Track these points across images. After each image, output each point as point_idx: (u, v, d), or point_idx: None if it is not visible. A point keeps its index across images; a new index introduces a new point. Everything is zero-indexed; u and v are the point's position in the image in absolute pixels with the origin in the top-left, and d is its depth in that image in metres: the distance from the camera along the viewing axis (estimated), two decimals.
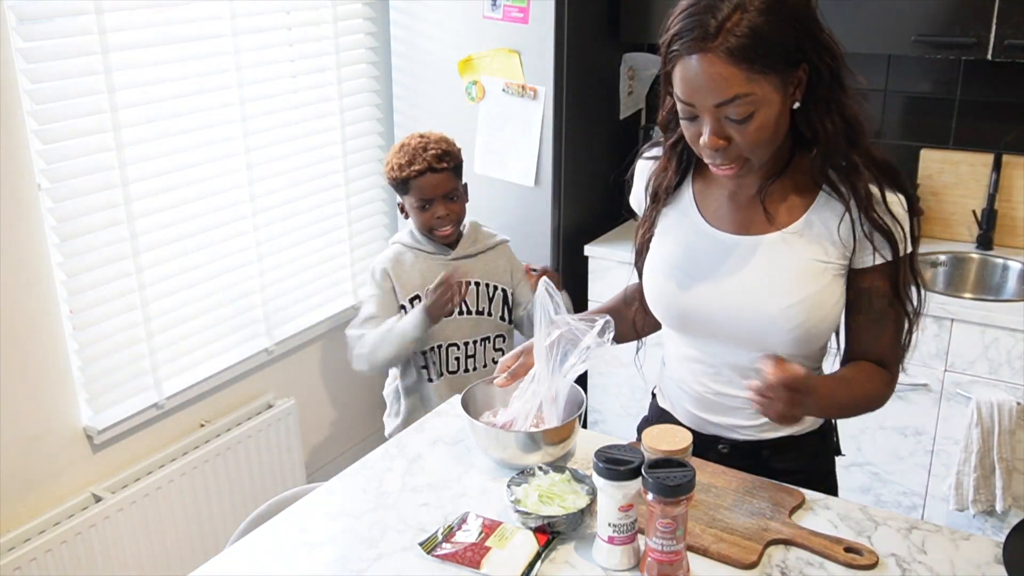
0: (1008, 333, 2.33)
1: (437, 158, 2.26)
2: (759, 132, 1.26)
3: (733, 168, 1.31)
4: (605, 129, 3.01)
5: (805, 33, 1.25)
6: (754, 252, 1.39)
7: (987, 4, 2.35)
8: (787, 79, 1.26)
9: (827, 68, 1.28)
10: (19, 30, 2.04)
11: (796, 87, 1.28)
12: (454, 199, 2.31)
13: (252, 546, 1.35)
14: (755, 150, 1.29)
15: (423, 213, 2.29)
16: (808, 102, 1.30)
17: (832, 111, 1.30)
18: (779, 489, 1.40)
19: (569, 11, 2.68)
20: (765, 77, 1.23)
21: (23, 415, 2.18)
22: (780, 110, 1.27)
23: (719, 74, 1.22)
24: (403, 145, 2.31)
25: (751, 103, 1.23)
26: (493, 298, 2.39)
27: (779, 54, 1.23)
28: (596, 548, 1.26)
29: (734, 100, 1.23)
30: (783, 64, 1.24)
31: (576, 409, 1.50)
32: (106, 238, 2.28)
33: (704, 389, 1.51)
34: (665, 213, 1.50)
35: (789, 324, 1.36)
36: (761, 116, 1.25)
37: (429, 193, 2.27)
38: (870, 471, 2.61)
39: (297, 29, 2.75)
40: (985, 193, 2.73)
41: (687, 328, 1.49)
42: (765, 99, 1.24)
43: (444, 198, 2.29)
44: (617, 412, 2.99)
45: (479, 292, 2.37)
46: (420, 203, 2.28)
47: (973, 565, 1.25)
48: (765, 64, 1.22)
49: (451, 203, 2.30)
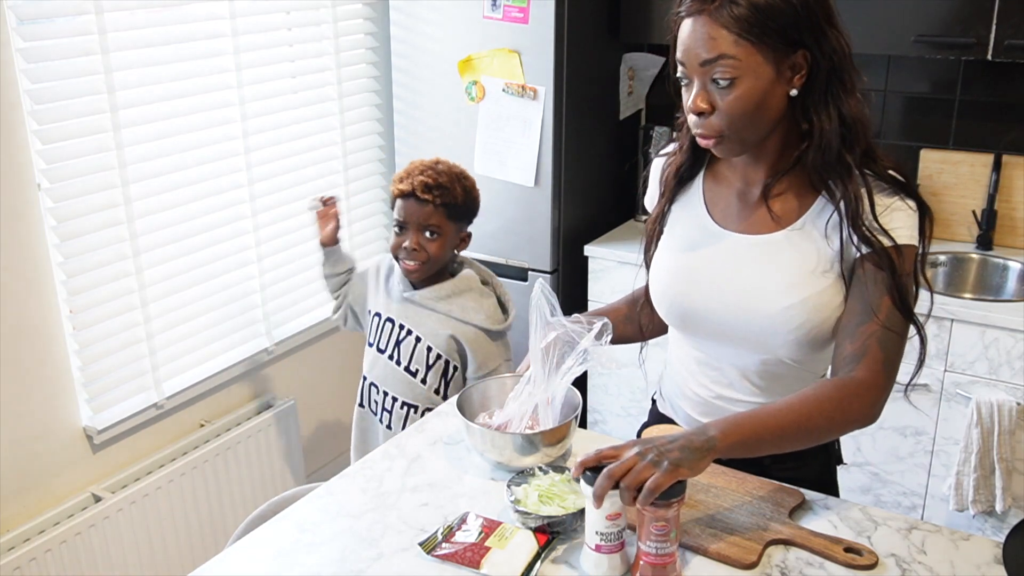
0: (1008, 333, 2.33)
1: (425, 186, 2.04)
2: (741, 102, 1.27)
3: (712, 140, 1.32)
4: (605, 129, 3.01)
5: (809, 19, 1.26)
6: (758, 252, 1.39)
7: (987, 4, 2.35)
8: (781, 58, 1.27)
9: (828, 61, 1.28)
10: (19, 30, 2.04)
11: (794, 72, 1.28)
12: (431, 236, 2.06)
13: (252, 546, 1.35)
14: (735, 122, 1.29)
15: (396, 236, 2.09)
16: (807, 94, 1.30)
17: (829, 106, 1.30)
18: (779, 489, 1.40)
19: (569, 11, 2.68)
20: (755, 47, 1.25)
21: (23, 415, 2.18)
22: (769, 88, 1.27)
23: (708, 33, 1.26)
24: (415, 161, 2.15)
25: (735, 68, 1.25)
26: (432, 365, 2.10)
27: (774, 29, 1.24)
28: (584, 556, 1.24)
29: (719, 59, 1.25)
30: (777, 40, 1.25)
31: (572, 411, 1.49)
32: (106, 238, 2.28)
33: (706, 392, 1.51)
34: (674, 209, 1.50)
35: (789, 326, 1.36)
36: (745, 85, 1.26)
37: (404, 216, 2.06)
38: (870, 471, 2.61)
39: (297, 29, 2.75)
40: (985, 193, 2.73)
41: (689, 326, 1.49)
42: (751, 69, 1.25)
43: (420, 229, 2.05)
44: (617, 412, 2.99)
45: (415, 349, 2.12)
46: (396, 224, 2.09)
47: (973, 565, 1.25)
48: (756, 34, 1.24)
49: (427, 239, 2.05)
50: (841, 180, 1.32)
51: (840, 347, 1.33)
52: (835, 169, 1.32)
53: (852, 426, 1.31)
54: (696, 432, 1.20)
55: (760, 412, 1.27)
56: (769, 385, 1.45)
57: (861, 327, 1.30)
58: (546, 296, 1.45)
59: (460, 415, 1.50)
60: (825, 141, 1.31)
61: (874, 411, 1.29)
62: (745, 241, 1.40)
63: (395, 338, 2.13)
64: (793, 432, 1.25)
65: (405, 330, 2.12)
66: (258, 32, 2.59)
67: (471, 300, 2.11)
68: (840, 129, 1.30)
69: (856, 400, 1.27)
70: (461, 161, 2.91)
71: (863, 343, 1.29)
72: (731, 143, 1.33)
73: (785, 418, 1.25)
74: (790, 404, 1.26)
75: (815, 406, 1.26)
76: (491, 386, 1.61)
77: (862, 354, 1.29)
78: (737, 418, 1.25)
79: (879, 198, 1.31)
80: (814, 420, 1.26)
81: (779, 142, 1.36)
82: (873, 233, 1.30)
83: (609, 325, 1.40)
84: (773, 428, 1.24)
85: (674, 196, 1.51)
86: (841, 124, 1.30)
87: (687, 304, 1.45)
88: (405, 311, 2.12)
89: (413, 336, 2.11)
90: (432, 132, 2.97)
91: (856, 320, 1.31)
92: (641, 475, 1.13)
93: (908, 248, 1.31)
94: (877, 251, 1.29)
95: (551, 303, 1.45)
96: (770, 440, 1.24)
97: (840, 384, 1.28)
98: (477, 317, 2.09)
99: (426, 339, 2.10)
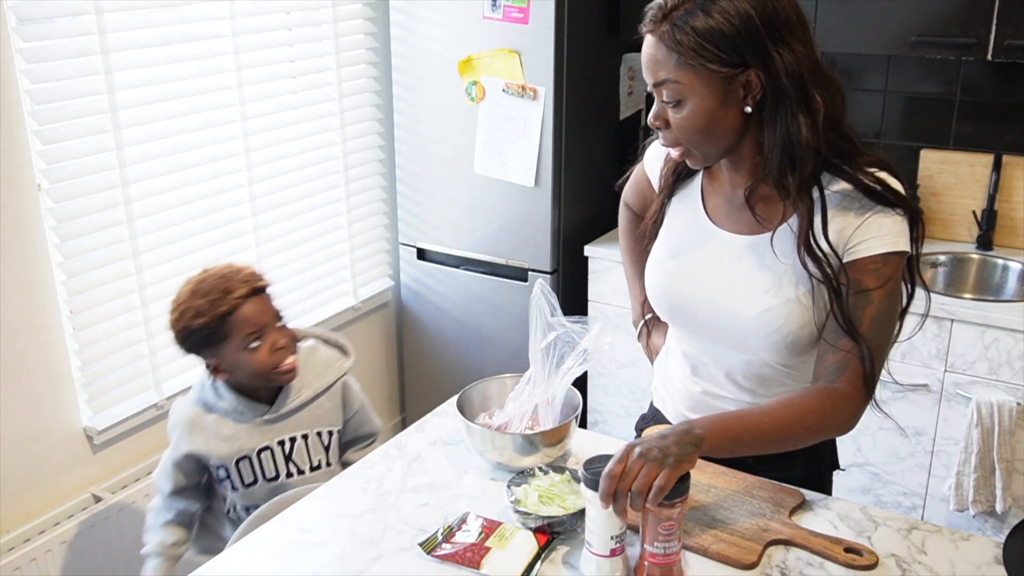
0: (1008, 333, 2.33)
1: (254, 276, 1.82)
2: (689, 121, 1.28)
3: (679, 152, 1.35)
4: (605, 129, 3.01)
5: (752, 41, 1.22)
6: (744, 252, 1.39)
7: (987, 4, 2.35)
8: (727, 79, 1.25)
9: (774, 81, 1.24)
10: (19, 30, 2.04)
11: (747, 91, 1.26)
12: (284, 321, 1.86)
13: (252, 546, 1.35)
14: (690, 139, 1.31)
15: (255, 353, 1.79)
16: (761, 110, 1.28)
17: (777, 126, 1.27)
18: (779, 489, 1.40)
19: (569, 11, 2.68)
20: (695, 72, 1.25)
21: (23, 415, 2.18)
22: (717, 108, 1.26)
23: (653, 56, 1.28)
24: (194, 287, 1.80)
25: (679, 90, 1.27)
26: (329, 445, 1.95)
27: (712, 53, 1.23)
28: (587, 561, 1.23)
29: (663, 83, 1.28)
30: (720, 64, 1.23)
31: (572, 412, 1.49)
32: (106, 238, 2.28)
33: (694, 387, 1.51)
34: (674, 202, 1.51)
35: (767, 328, 1.35)
36: (691, 106, 1.27)
37: (259, 320, 1.79)
38: (870, 471, 2.61)
39: (297, 29, 2.75)
40: (985, 193, 2.73)
41: (677, 321, 1.50)
42: (694, 91, 1.26)
43: (276, 322, 1.84)
44: (617, 412, 2.99)
45: (309, 446, 1.92)
46: (248, 338, 1.78)
47: (973, 565, 1.25)
48: (696, 59, 1.24)
49: (285, 329, 1.85)
50: (799, 193, 1.28)
51: (823, 355, 1.33)
52: (781, 187, 1.29)
53: (829, 435, 1.36)
54: (684, 429, 1.21)
55: (744, 415, 1.30)
56: (755, 387, 1.45)
57: (843, 339, 1.29)
58: (546, 296, 1.45)
59: (460, 415, 1.50)
60: (767, 159, 1.29)
61: (852, 422, 1.32)
62: (735, 240, 1.40)
63: (282, 456, 1.89)
64: (774, 438, 1.28)
65: (288, 439, 1.90)
66: (258, 32, 2.59)
67: (323, 361, 1.96)
68: (780, 152, 1.27)
69: (836, 412, 1.29)
70: (461, 161, 2.93)
71: (844, 356, 1.29)
72: (694, 156, 1.35)
73: (767, 424, 1.28)
74: (773, 410, 1.29)
75: (797, 415, 1.28)
76: (491, 386, 1.61)
77: (844, 366, 1.29)
78: (721, 418, 1.27)
79: (853, 214, 1.29)
80: (794, 428, 1.29)
81: (753, 149, 1.33)
82: (819, 253, 1.28)
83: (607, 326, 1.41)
84: (754, 432, 1.27)
85: (673, 191, 1.51)
86: (785, 146, 1.26)
87: (676, 298, 1.45)
88: (274, 430, 1.88)
89: (300, 440, 1.91)
90: (432, 132, 2.97)
91: (839, 330, 1.30)
92: (649, 477, 1.14)
93: (893, 256, 1.28)
94: (821, 272, 1.28)
95: (551, 303, 1.45)
96: (750, 443, 1.27)
97: (823, 395, 1.29)
98: (339, 368, 1.97)
99: (317, 427, 1.92)
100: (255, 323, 1.79)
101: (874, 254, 1.28)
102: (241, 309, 1.78)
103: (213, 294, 1.78)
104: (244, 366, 1.80)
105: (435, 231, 3.08)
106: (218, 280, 1.80)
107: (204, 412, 1.85)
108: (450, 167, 2.96)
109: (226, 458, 1.84)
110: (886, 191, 1.29)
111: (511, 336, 2.99)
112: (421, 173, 3.04)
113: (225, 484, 1.87)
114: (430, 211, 3.06)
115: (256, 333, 1.79)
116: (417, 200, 3.08)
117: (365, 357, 3.12)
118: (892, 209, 1.29)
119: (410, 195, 3.10)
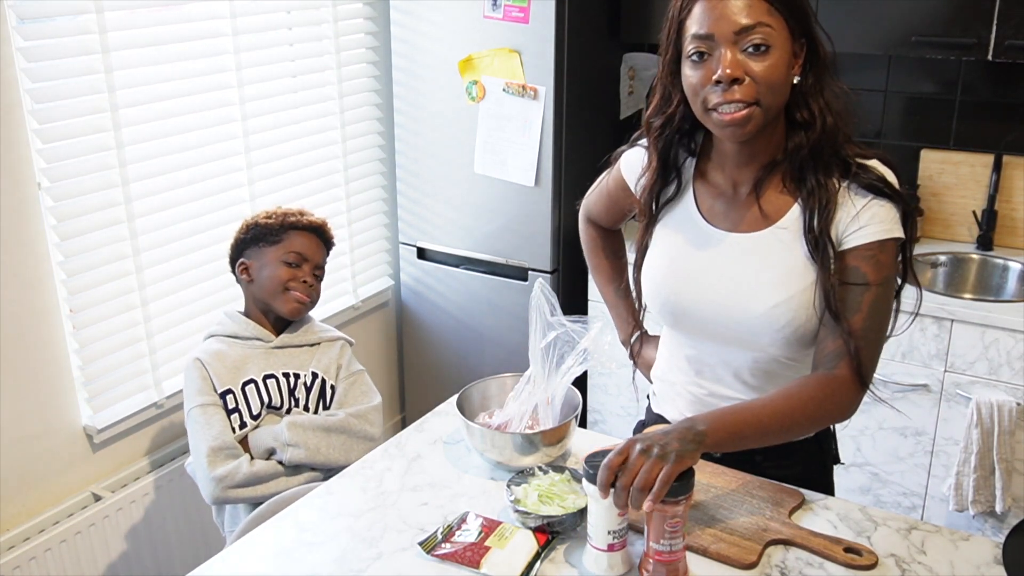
0: (1008, 333, 2.33)
1: (321, 224, 2.12)
2: (773, 69, 1.28)
3: (744, 111, 1.28)
4: (605, 129, 3.01)
5: (807, 15, 1.31)
6: (746, 249, 1.39)
7: (987, 4, 2.35)
8: (795, 37, 1.30)
9: (822, 53, 1.32)
10: (19, 30, 2.04)
11: (796, 58, 1.31)
12: (319, 276, 2.10)
13: (252, 546, 1.35)
14: (770, 89, 1.28)
15: (284, 269, 2.03)
16: (804, 83, 1.32)
17: (825, 96, 1.33)
18: (779, 489, 1.40)
19: (569, 11, 2.68)
20: (784, 21, 1.28)
21: (23, 414, 2.18)
22: (789, 64, 1.30)
23: (746, 1, 1.27)
24: (279, 207, 2.13)
25: (770, 36, 1.27)
26: (329, 402, 2.08)
27: (792, 10, 1.29)
28: (589, 557, 1.24)
29: (756, 27, 1.26)
30: (794, 20, 1.29)
31: (572, 411, 1.49)
32: (106, 238, 2.28)
33: (699, 390, 1.51)
34: (666, 208, 1.50)
35: (776, 324, 1.36)
36: (776, 54, 1.28)
37: (307, 251, 2.06)
38: (870, 471, 2.61)
39: (297, 29, 2.75)
40: (985, 194, 2.73)
41: (681, 325, 1.49)
42: (781, 40, 1.28)
43: (314, 268, 2.08)
44: (616, 412, 2.99)
45: (310, 390, 2.06)
46: (289, 255, 2.04)
47: (973, 566, 1.25)
48: (782, 9, 1.27)
49: (316, 278, 2.09)
50: (816, 176, 1.32)
51: (822, 342, 1.34)
52: (822, 162, 1.33)
53: (831, 421, 1.38)
54: (686, 426, 1.21)
55: (744, 408, 1.30)
56: (762, 384, 1.45)
57: (842, 326, 1.31)
58: (546, 296, 1.45)
59: (460, 414, 1.50)
60: (828, 128, 1.32)
61: (852, 409, 1.33)
62: (736, 239, 1.40)
63: (286, 388, 2.04)
64: (776, 429, 1.29)
65: (292, 374, 2.04)
66: (258, 32, 2.59)
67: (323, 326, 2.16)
68: (835, 120, 1.33)
69: (836, 398, 1.31)
70: (461, 161, 2.93)
71: (844, 342, 1.31)
72: (760, 114, 1.29)
73: (768, 416, 1.28)
74: (774, 401, 1.30)
75: (797, 404, 1.29)
76: (491, 385, 1.61)
77: (843, 353, 1.31)
78: (722, 413, 1.27)
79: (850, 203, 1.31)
80: (795, 417, 1.30)
81: (769, 135, 1.35)
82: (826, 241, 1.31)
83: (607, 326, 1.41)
84: (755, 425, 1.27)
85: (657, 217, 1.48)
86: (832, 115, 1.33)
87: (679, 302, 1.45)
88: (278, 361, 2.04)
89: (303, 382, 2.05)
90: (432, 132, 2.97)
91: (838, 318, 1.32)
92: (652, 473, 1.14)
93: (888, 242, 1.31)
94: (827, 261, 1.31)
95: (551, 303, 1.45)
96: (752, 436, 1.27)
97: (822, 382, 1.31)
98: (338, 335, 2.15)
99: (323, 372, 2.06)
100: (303, 250, 2.04)
101: (870, 241, 1.30)
102: (302, 232, 2.05)
103: (291, 210, 2.08)
104: (269, 275, 2.02)
105: (435, 230, 3.08)
106: (300, 209, 2.09)
107: (216, 342, 2.03)
108: (450, 166, 2.97)
109: (235, 383, 1.98)
110: (881, 182, 1.32)
111: (511, 335, 2.99)
112: (421, 172, 3.04)
113: (235, 417, 1.98)
114: (430, 210, 3.06)
115: (298, 258, 2.03)
116: (417, 199, 3.08)
117: (365, 356, 3.12)
118: (887, 199, 1.31)
119: (410, 194, 3.10)
